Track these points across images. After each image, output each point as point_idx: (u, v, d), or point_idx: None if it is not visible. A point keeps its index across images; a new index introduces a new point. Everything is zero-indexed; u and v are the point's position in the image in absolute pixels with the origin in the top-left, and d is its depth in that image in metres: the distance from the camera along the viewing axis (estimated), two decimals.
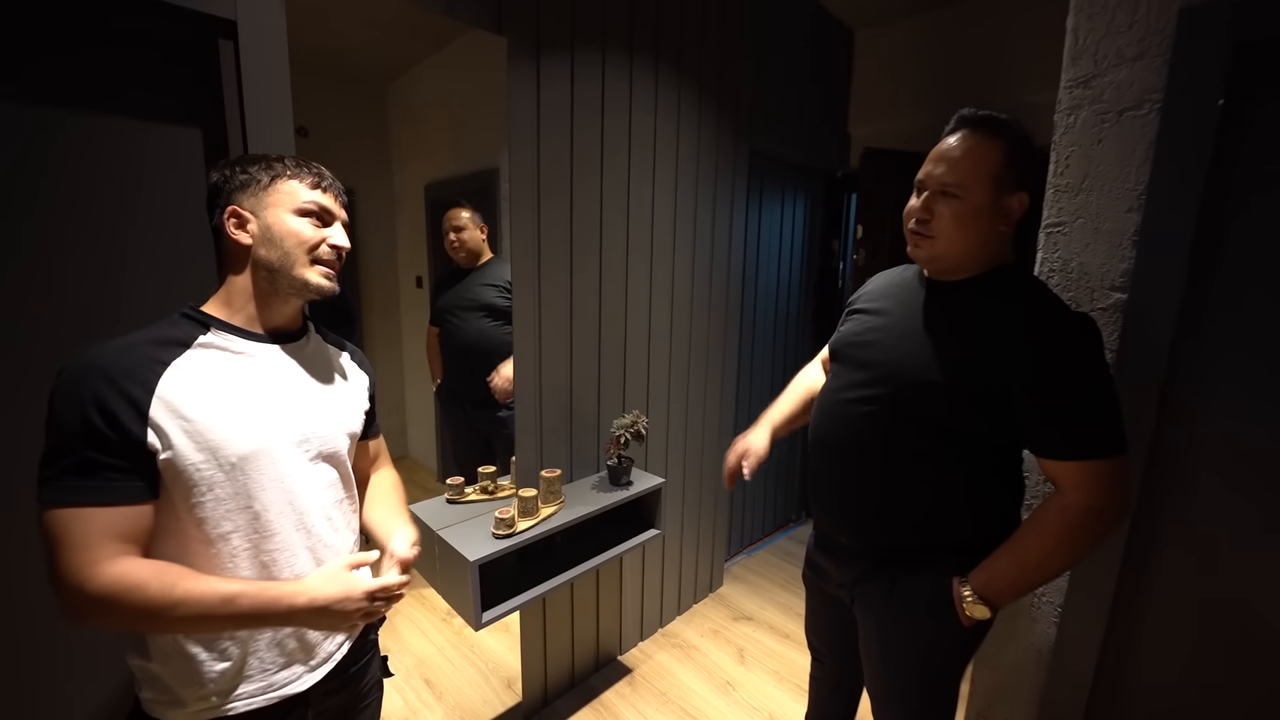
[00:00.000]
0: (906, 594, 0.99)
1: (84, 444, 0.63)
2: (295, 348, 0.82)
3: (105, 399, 0.64)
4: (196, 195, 1.04)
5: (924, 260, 0.97)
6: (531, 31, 1.48)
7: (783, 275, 2.82)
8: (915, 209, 0.94)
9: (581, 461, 1.83)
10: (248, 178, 0.77)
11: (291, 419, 0.78)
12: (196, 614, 0.65)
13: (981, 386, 0.88)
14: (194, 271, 1.05)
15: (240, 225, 0.76)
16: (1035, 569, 0.89)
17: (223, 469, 0.70)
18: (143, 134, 0.98)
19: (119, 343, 0.69)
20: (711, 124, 2.08)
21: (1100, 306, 1.19)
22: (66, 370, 0.66)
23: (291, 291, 0.79)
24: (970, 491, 0.95)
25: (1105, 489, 0.84)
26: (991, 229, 0.91)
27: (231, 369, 0.74)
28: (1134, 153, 1.13)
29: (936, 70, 2.53)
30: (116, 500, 0.65)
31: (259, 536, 0.74)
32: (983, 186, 0.88)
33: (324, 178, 0.81)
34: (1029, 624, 1.35)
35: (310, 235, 0.78)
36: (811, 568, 1.22)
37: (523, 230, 1.54)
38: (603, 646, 2.03)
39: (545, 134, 1.55)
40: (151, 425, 0.66)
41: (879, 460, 0.98)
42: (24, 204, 0.88)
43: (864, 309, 1.10)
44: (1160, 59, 1.08)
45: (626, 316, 1.89)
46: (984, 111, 0.92)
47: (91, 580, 0.62)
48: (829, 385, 1.11)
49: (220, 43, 1.01)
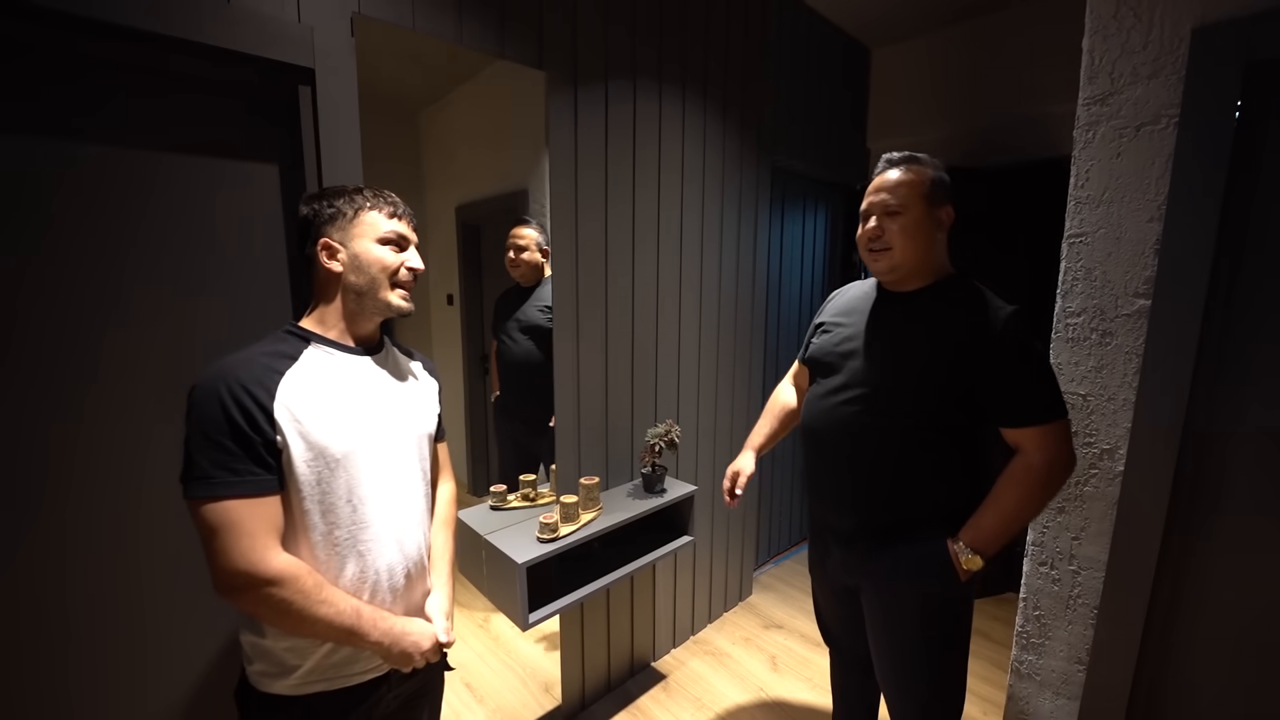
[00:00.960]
0: (909, 561, 1.12)
1: (233, 443, 0.72)
2: (379, 358, 0.92)
3: (242, 402, 0.73)
4: (273, 225, 1.15)
5: (883, 271, 1.13)
6: (569, 66, 1.58)
7: (805, 287, 2.88)
8: (870, 229, 1.12)
9: (616, 470, 1.89)
10: (335, 211, 0.86)
11: (382, 420, 0.87)
12: (330, 616, 0.76)
13: (945, 378, 1.05)
14: (270, 292, 1.15)
15: (331, 255, 0.85)
16: (1014, 518, 1.05)
17: (329, 466, 0.79)
18: (229, 172, 1.08)
19: (239, 356, 0.78)
20: (735, 142, 2.16)
21: (1125, 313, 1.23)
22: (200, 386, 0.74)
23: (375, 312, 0.88)
24: (952, 467, 1.11)
25: (1058, 445, 1.03)
26: (932, 236, 1.11)
27: (332, 377, 0.83)
28: (1153, 165, 1.18)
29: (952, 85, 2.59)
30: (269, 491, 0.74)
31: (358, 528, 0.82)
32: (919, 203, 1.09)
33: (399, 206, 0.90)
34: (1065, 626, 1.37)
35: (391, 261, 0.87)
36: (817, 559, 1.33)
37: (562, 252, 1.63)
38: (637, 652, 2.07)
39: (582, 157, 1.64)
40: (276, 424, 0.75)
41: (872, 450, 1.13)
42: (124, 238, 0.99)
43: (833, 323, 1.26)
44: (1175, 76, 1.13)
45: (658, 330, 1.96)
46: (905, 153, 1.14)
47: (264, 563, 0.72)
48: (815, 391, 1.25)
49: (300, 89, 1.11)
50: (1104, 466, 1.29)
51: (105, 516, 1.01)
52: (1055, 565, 1.38)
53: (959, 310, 1.07)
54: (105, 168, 0.97)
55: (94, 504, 1.00)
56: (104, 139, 0.96)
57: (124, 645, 1.05)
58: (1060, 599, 1.38)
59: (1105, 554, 1.29)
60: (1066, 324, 1.32)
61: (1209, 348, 1.15)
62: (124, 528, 1.03)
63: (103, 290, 0.98)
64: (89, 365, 0.98)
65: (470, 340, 2.00)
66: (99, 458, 1.00)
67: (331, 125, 1.13)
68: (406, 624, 0.86)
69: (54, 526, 0.97)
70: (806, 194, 2.77)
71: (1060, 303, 1.32)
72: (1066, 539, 1.36)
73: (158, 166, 1.01)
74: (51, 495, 0.96)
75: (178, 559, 1.08)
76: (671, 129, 1.90)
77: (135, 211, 1.00)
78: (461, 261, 1.98)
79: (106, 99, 0.96)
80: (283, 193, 1.16)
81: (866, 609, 1.21)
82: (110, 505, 1.01)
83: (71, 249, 0.95)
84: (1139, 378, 1.22)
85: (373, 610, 0.82)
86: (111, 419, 1.00)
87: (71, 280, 0.95)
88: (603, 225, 1.73)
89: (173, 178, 1.03)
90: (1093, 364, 1.29)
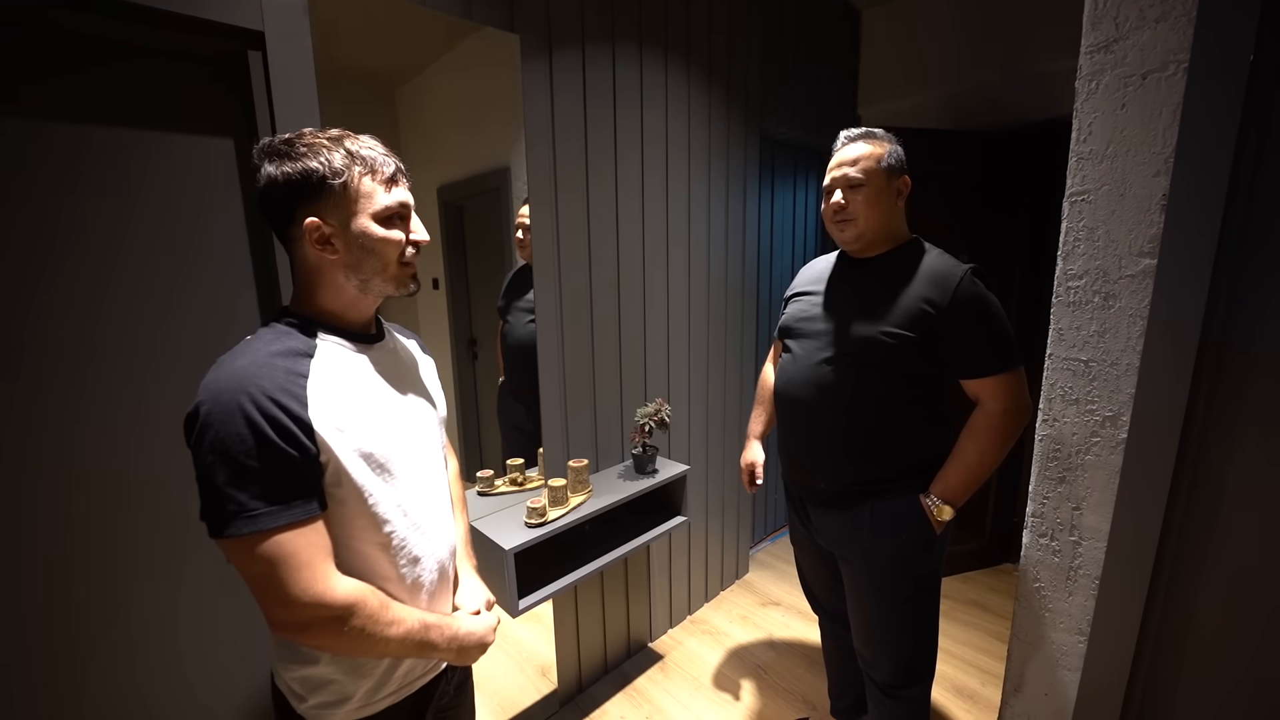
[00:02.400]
0: (887, 517, 1.20)
1: (270, 466, 0.61)
2: (386, 345, 0.82)
3: (274, 417, 0.61)
4: (231, 205, 1.08)
5: (849, 240, 1.21)
6: (543, 27, 1.49)
7: (797, 258, 2.81)
8: (835, 202, 1.20)
9: (606, 451, 1.85)
10: (317, 181, 0.67)
11: (410, 413, 0.80)
12: (400, 635, 0.71)
13: (909, 326, 1.11)
14: (231, 278, 1.09)
15: (324, 241, 0.69)
16: (978, 468, 1.14)
17: (378, 473, 0.72)
18: (178, 147, 1.01)
19: (248, 360, 0.64)
20: (722, 108, 2.07)
21: (1129, 274, 1.18)
22: (211, 399, 0.61)
23: (379, 295, 0.76)
24: (922, 422, 1.19)
25: (1015, 394, 1.12)
26: (892, 205, 1.19)
27: (352, 372, 0.73)
28: (1160, 115, 1.11)
29: (945, 47, 2.50)
30: (311, 516, 0.65)
31: (411, 532, 0.77)
32: (879, 175, 1.17)
33: (394, 165, 0.73)
34: (1065, 597, 1.35)
35: (399, 239, 0.73)
36: (798, 525, 1.40)
37: (542, 224, 1.56)
38: (634, 633, 2.05)
39: (560, 128, 1.56)
40: (317, 437, 0.65)
41: (846, 406, 1.19)
42: (61, 220, 0.92)
43: (803, 292, 1.34)
44: (1185, 19, 1.06)
45: (645, 305, 1.90)
46: (862, 129, 1.21)
47: (330, 593, 0.64)
48: (790, 359, 1.31)
49: (250, 54, 1.04)
50: (1106, 434, 1.25)
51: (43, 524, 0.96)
52: (1055, 536, 1.35)
53: (919, 269, 1.15)
54: (22, 144, 0.88)
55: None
56: (22, 112, 0.88)
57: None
58: (1061, 570, 1.35)
59: (1107, 524, 1.26)
60: (1068, 287, 1.26)
61: (1217, 308, 1.10)
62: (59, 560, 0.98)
63: (30, 282, 0.91)
64: (9, 368, 0.90)
65: (457, 325, 1.94)
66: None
67: (286, 94, 1.06)
68: (469, 625, 0.83)
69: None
70: (797, 162, 2.69)
71: (1061, 265, 1.27)
72: (1067, 509, 1.33)
73: (90, 140, 0.94)
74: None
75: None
76: (654, 96, 1.81)
77: (64, 191, 0.92)
78: (446, 244, 1.91)
79: (27, 69, 0.88)
80: (240, 171, 1.09)
81: (845, 569, 1.28)
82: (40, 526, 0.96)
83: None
84: (1143, 341, 1.17)
85: (436, 618, 0.77)
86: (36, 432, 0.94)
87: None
88: (584, 199, 1.66)
89: (118, 158, 0.96)
90: (1095, 328, 1.24)
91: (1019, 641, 1.45)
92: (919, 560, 1.21)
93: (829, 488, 1.24)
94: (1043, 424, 1.34)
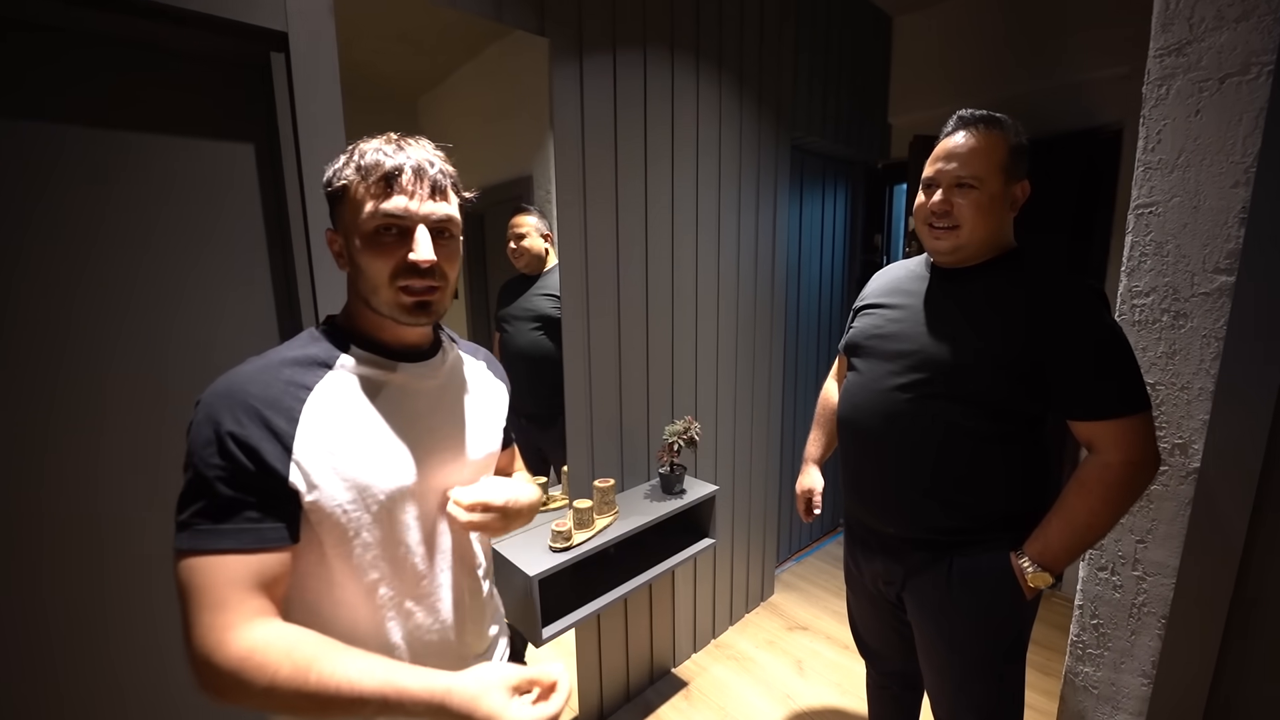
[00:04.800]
0: (968, 576, 1.01)
1: (223, 482, 0.56)
2: (432, 365, 0.73)
3: (246, 431, 0.56)
4: (250, 212, 1.03)
5: (946, 250, 1.00)
6: (574, 31, 1.44)
7: (825, 272, 2.74)
8: (936, 203, 0.98)
9: (632, 469, 1.78)
10: (331, 183, 0.64)
11: (436, 449, 0.70)
12: (322, 707, 0.54)
13: (1014, 360, 0.93)
14: (251, 286, 1.04)
15: (340, 254, 0.67)
16: (1086, 529, 0.93)
17: (369, 510, 0.63)
18: (196, 151, 0.97)
19: (256, 364, 0.61)
20: (753, 118, 2.01)
21: (1202, 291, 1.10)
22: (203, 402, 0.59)
23: (393, 320, 0.66)
24: (1017, 465, 0.99)
25: (1140, 444, 0.90)
26: (1004, 215, 0.98)
27: (374, 394, 0.66)
28: (1240, 122, 1.03)
29: (981, 54, 2.43)
30: (256, 545, 0.57)
31: (405, 583, 0.67)
32: (996, 177, 0.95)
33: (396, 168, 0.62)
34: (1128, 636, 1.25)
35: (386, 261, 0.62)
36: (854, 566, 1.22)
37: (569, 235, 1.51)
38: (656, 659, 1.97)
39: (589, 134, 1.51)
40: (296, 461, 0.58)
41: (931, 443, 1.00)
42: (82, 223, 0.88)
43: (878, 304, 1.13)
44: (1270, 17, 0.98)
45: (673, 319, 1.84)
46: (982, 111, 0.98)
47: (220, 649, 0.53)
48: (858, 381, 1.11)
49: (273, 56, 0.99)
50: (1175, 463, 1.16)
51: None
52: (1117, 570, 1.26)
53: (1029, 288, 0.95)
54: (41, 149, 0.85)
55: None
56: (29, 113, 0.84)
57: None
58: (1122, 607, 1.26)
59: (1176, 559, 1.17)
60: (1133, 305, 1.18)
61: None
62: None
63: (49, 291, 0.87)
64: (47, 376, 0.87)
65: (477, 335, 1.89)
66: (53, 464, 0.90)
67: (309, 97, 1.01)
68: (468, 689, 0.56)
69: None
70: (825, 173, 2.63)
71: (1125, 281, 1.19)
72: (1130, 542, 1.24)
73: (115, 143, 0.90)
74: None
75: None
76: (685, 103, 1.76)
77: (92, 200, 0.89)
78: (466, 253, 1.86)
79: (34, 69, 0.85)
80: (258, 174, 1.04)
81: (916, 623, 1.11)
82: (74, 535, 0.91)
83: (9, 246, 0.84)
84: (1218, 364, 1.09)
85: (423, 685, 0.56)
86: (72, 430, 0.90)
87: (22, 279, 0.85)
88: (613, 206, 1.60)
89: (140, 162, 0.92)
90: (1163, 349, 1.16)
91: (1074, 682, 1.35)
92: (1003, 627, 1.02)
93: (901, 533, 1.07)
94: None
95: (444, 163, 0.67)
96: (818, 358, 2.76)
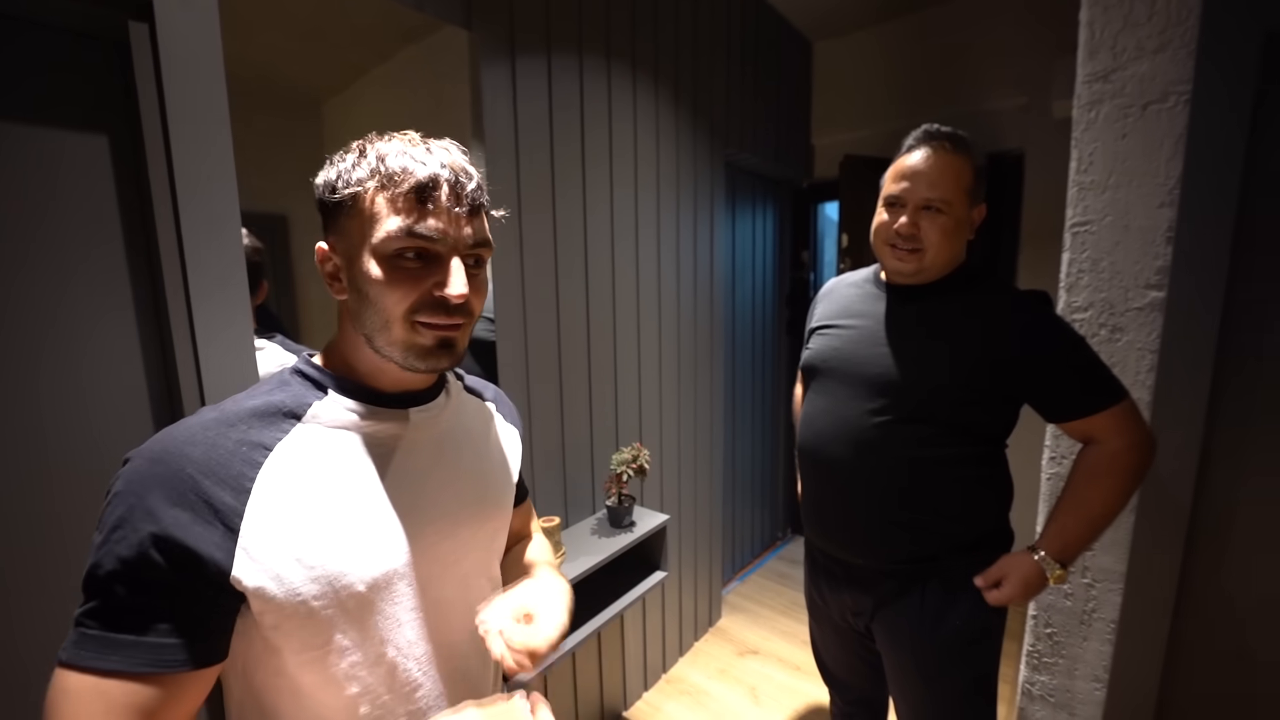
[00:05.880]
0: (941, 605, 0.98)
1: (132, 572, 0.42)
2: (432, 411, 0.59)
3: (174, 520, 0.43)
4: (103, 219, 0.82)
5: (910, 273, 0.98)
6: (504, 28, 1.32)
7: (757, 289, 2.75)
8: (904, 225, 0.94)
9: (577, 503, 1.64)
10: (336, 187, 0.51)
11: (435, 518, 0.56)
12: None
13: (984, 380, 0.92)
14: (107, 313, 0.82)
15: (334, 275, 0.53)
16: (1100, 519, 0.94)
17: (344, 606, 0.49)
18: (31, 142, 0.75)
19: (207, 417, 0.48)
20: (688, 131, 1.97)
21: (1135, 306, 1.15)
22: (129, 466, 0.45)
23: (397, 364, 0.53)
24: (987, 486, 0.99)
25: (1138, 424, 0.92)
26: (964, 238, 0.97)
27: (353, 452, 0.52)
28: (1162, 146, 1.09)
29: (895, 81, 2.55)
30: (149, 668, 0.42)
31: (396, 697, 0.53)
32: (962, 201, 0.93)
33: (434, 184, 0.49)
34: (1080, 642, 1.28)
35: (406, 292, 0.49)
36: (817, 596, 1.17)
37: (502, 248, 1.36)
38: (607, 704, 1.83)
39: (524, 139, 1.38)
40: (244, 548, 0.45)
41: (901, 471, 0.97)
42: None
43: (832, 325, 1.10)
44: (1184, 50, 1.05)
45: (615, 340, 1.73)
46: (947, 129, 0.96)
47: None
48: (821, 405, 1.06)
49: (132, 25, 0.79)
50: None
51: None
52: (1068, 579, 1.29)
53: (981, 300, 0.95)
54: None
55: None
56: None
57: None
58: (1074, 614, 1.28)
59: (1123, 565, 1.21)
60: (1072, 319, 1.22)
61: (1229, 340, 1.07)
62: None
63: None
64: None
65: None
66: None
67: (182, 78, 0.81)
68: None
69: None
70: (755, 191, 2.64)
71: (1065, 297, 1.23)
72: None
73: None
74: None
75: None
76: (622, 110, 1.68)
77: None
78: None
79: None
80: (115, 175, 0.83)
81: (887, 654, 1.07)
82: None
83: None
84: (1154, 375, 1.14)
85: None
86: None
87: None
88: (550, 218, 1.48)
89: None
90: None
91: (1030, 692, 1.37)
92: (977, 654, 1.00)
93: (871, 564, 1.03)
94: (1050, 462, 1.28)
95: (478, 172, 0.54)
96: (753, 374, 2.75)
